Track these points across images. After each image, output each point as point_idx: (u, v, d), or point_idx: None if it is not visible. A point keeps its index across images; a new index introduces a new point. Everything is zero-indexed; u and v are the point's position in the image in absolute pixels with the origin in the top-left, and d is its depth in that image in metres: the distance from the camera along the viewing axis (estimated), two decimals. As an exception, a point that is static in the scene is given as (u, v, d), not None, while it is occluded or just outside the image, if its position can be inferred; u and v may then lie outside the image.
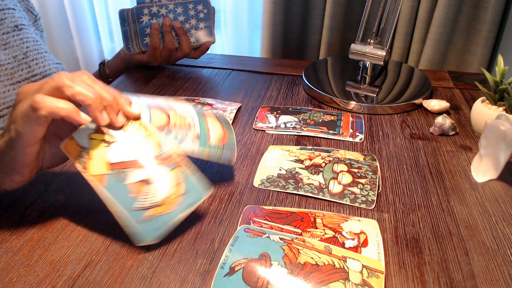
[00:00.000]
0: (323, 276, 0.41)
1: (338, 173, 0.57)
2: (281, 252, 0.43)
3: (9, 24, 0.70)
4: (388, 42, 0.82)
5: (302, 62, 0.99)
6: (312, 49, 1.16)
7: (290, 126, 0.70)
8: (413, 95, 0.80)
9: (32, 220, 0.50)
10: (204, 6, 0.88)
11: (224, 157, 0.50)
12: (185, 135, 0.47)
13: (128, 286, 0.42)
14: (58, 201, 0.53)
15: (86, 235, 0.48)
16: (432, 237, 0.48)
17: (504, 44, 0.99)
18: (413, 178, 0.59)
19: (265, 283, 0.41)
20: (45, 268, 0.44)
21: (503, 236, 0.49)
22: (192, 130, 0.48)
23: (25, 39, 0.72)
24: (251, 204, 0.53)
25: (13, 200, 0.53)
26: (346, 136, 0.68)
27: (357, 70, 0.89)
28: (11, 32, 0.70)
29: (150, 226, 0.43)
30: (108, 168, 0.44)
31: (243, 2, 1.25)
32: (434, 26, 0.99)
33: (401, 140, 0.68)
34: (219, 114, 0.57)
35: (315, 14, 1.10)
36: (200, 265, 0.44)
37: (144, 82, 0.87)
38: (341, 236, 0.47)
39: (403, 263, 0.45)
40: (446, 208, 0.53)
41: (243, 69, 0.94)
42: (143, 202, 0.43)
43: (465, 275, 0.44)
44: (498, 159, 0.57)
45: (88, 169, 0.44)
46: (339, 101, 0.79)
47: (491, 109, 0.66)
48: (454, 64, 1.05)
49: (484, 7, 0.96)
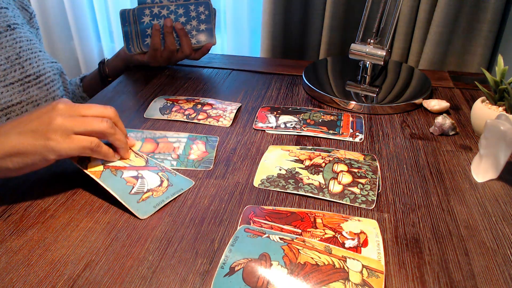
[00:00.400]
0: (323, 276, 0.41)
1: (338, 173, 0.57)
2: (281, 252, 0.43)
3: (2, 24, 0.69)
4: (388, 42, 0.82)
5: (302, 62, 0.99)
6: (312, 49, 1.16)
7: (290, 126, 0.70)
8: (413, 95, 0.80)
9: (32, 220, 0.50)
10: (206, 7, 0.88)
11: (201, 167, 0.60)
12: (167, 155, 0.62)
13: (128, 286, 0.42)
14: (58, 200, 0.53)
15: (86, 235, 0.48)
16: (432, 237, 0.48)
17: (504, 44, 0.99)
18: (413, 178, 0.59)
19: (265, 283, 0.41)
20: (45, 268, 0.44)
21: (503, 236, 0.49)
22: (176, 151, 0.63)
23: (18, 39, 0.71)
24: (251, 204, 0.53)
25: (13, 200, 0.53)
26: (346, 136, 0.68)
27: (357, 70, 0.89)
28: (4, 32, 0.69)
29: (146, 205, 0.52)
30: (104, 167, 0.54)
31: (243, 3, 1.25)
32: (434, 26, 0.99)
33: (401, 140, 0.68)
34: (210, 141, 0.66)
35: (315, 14, 1.10)
36: (200, 265, 0.44)
37: (144, 82, 0.87)
38: (341, 236, 0.47)
39: (403, 263, 0.45)
40: (446, 208, 0.53)
41: (243, 69, 0.94)
42: (138, 189, 0.53)
43: (465, 275, 0.44)
44: (498, 159, 0.57)
45: (88, 166, 0.53)
46: (339, 101, 0.79)
47: (491, 109, 0.66)
48: (454, 64, 1.05)
49: (484, 7, 0.96)
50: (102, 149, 0.52)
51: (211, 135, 0.67)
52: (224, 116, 0.73)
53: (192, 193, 0.55)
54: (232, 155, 0.63)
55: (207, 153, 0.63)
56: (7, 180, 0.56)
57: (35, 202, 0.53)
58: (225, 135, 0.68)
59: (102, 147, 0.52)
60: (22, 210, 0.51)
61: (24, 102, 0.70)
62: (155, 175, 0.56)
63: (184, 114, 0.73)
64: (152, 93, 0.82)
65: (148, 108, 0.76)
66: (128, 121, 0.72)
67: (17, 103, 0.68)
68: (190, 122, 0.72)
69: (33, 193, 0.54)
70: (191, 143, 0.65)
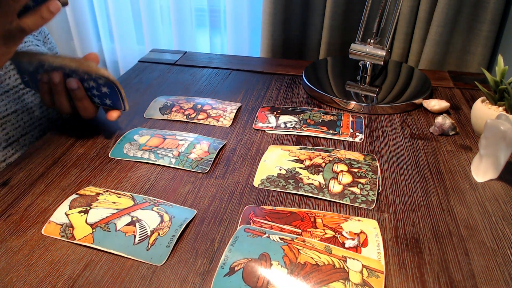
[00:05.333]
0: (323, 276, 0.41)
1: (338, 173, 0.57)
2: (281, 252, 0.43)
3: None
4: (388, 42, 0.82)
5: (302, 62, 0.99)
6: (312, 49, 1.15)
7: (290, 126, 0.70)
8: (413, 95, 0.80)
9: (32, 220, 0.50)
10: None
11: (198, 169, 0.59)
12: (169, 151, 0.62)
13: (128, 286, 0.42)
14: (58, 201, 0.53)
15: (86, 235, 0.48)
16: (432, 237, 0.48)
17: (504, 44, 0.99)
18: (413, 178, 0.59)
19: (265, 283, 0.41)
20: (45, 268, 0.44)
21: (503, 236, 0.49)
22: (178, 148, 0.62)
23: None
24: (251, 204, 0.53)
25: (13, 200, 0.53)
26: (346, 136, 0.68)
27: (357, 70, 0.89)
28: None
29: (157, 249, 0.46)
30: (92, 228, 0.48)
31: (243, 2, 1.25)
32: (434, 26, 0.99)
33: (401, 140, 0.68)
34: (214, 143, 0.65)
35: (315, 14, 1.10)
36: (200, 265, 0.44)
37: (144, 81, 0.87)
38: (341, 236, 0.47)
39: (403, 263, 0.45)
40: (446, 208, 0.53)
41: (243, 69, 0.94)
42: (141, 235, 0.47)
43: (465, 275, 0.44)
44: (498, 159, 0.57)
45: (75, 236, 0.47)
46: (339, 101, 0.79)
47: (491, 109, 0.66)
48: (454, 64, 1.05)
49: (484, 7, 0.96)
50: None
51: (219, 139, 0.67)
52: (224, 116, 0.73)
53: (192, 193, 0.55)
54: (232, 155, 0.63)
55: (208, 154, 0.62)
56: (7, 179, 0.57)
57: (35, 202, 0.53)
58: (225, 135, 0.68)
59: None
60: (22, 210, 0.51)
61: (19, 111, 0.67)
62: (152, 212, 0.50)
63: (184, 114, 0.73)
64: (152, 93, 0.82)
65: (148, 108, 0.76)
66: (128, 121, 0.72)
67: (12, 112, 0.66)
68: (190, 122, 0.72)
69: (33, 193, 0.54)
70: (196, 143, 0.64)
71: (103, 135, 0.67)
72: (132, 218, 0.48)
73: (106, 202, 0.51)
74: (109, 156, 0.62)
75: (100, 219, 0.48)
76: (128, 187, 0.56)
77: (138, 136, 0.66)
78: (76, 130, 0.69)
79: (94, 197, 0.52)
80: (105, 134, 0.68)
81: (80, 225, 0.48)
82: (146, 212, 0.50)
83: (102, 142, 0.65)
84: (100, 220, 0.48)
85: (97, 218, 0.48)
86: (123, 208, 0.50)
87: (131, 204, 0.51)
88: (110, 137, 0.67)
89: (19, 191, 0.55)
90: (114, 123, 0.71)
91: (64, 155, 0.62)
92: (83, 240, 0.46)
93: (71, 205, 0.51)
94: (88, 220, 0.48)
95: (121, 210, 0.50)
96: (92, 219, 0.48)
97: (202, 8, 1.33)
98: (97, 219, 0.48)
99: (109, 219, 0.48)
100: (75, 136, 0.67)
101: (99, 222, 0.48)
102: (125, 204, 0.51)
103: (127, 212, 0.49)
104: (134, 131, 0.68)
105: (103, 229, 0.47)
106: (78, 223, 0.48)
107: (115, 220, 0.48)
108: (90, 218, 0.49)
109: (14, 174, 0.58)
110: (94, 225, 0.48)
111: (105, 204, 0.51)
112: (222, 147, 0.65)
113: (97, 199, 0.52)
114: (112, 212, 0.49)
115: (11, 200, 0.53)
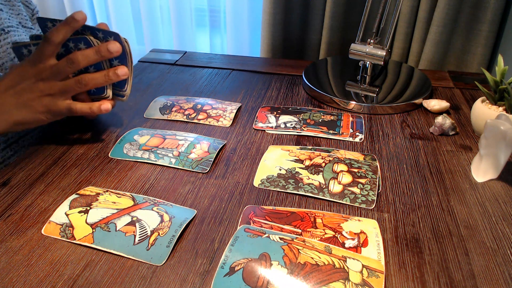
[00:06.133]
0: (323, 276, 0.41)
1: (338, 173, 0.57)
2: (281, 252, 0.43)
3: None
4: (388, 42, 0.82)
5: (302, 62, 0.99)
6: (312, 49, 1.15)
7: (290, 126, 0.70)
8: (413, 95, 0.80)
9: (32, 220, 0.50)
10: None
11: (197, 169, 0.59)
12: (169, 151, 0.62)
13: (128, 286, 0.42)
14: (58, 201, 0.53)
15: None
16: (432, 237, 0.48)
17: (504, 44, 0.99)
18: (413, 178, 0.59)
19: (265, 283, 0.41)
20: (45, 268, 0.44)
21: (503, 236, 0.49)
22: (178, 148, 0.62)
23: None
24: (251, 204, 0.53)
25: (13, 200, 0.53)
26: (346, 136, 0.68)
27: (357, 70, 0.89)
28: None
29: (157, 249, 0.46)
30: (92, 228, 0.48)
31: (243, 2, 1.25)
32: (434, 26, 0.99)
33: (401, 140, 0.68)
34: (214, 143, 0.65)
35: (315, 14, 1.10)
36: (200, 265, 0.44)
37: (144, 81, 0.87)
38: (341, 236, 0.47)
39: (403, 263, 0.45)
40: (446, 208, 0.53)
41: (243, 69, 0.94)
42: (141, 235, 0.47)
43: (465, 275, 0.44)
44: (498, 159, 0.57)
45: (75, 236, 0.47)
46: (339, 101, 0.79)
47: (491, 109, 0.66)
48: (454, 64, 1.05)
49: (484, 7, 0.96)
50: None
51: (219, 139, 0.67)
52: (224, 116, 0.73)
53: (192, 193, 0.55)
54: (232, 155, 0.63)
55: (208, 154, 0.62)
56: (7, 179, 0.57)
57: (35, 202, 0.53)
58: (225, 135, 0.68)
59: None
60: (22, 210, 0.51)
61: None
62: (152, 212, 0.50)
63: (184, 114, 0.73)
64: (152, 93, 0.82)
65: (148, 108, 0.76)
66: (128, 121, 0.72)
67: None
68: (190, 122, 0.72)
69: (33, 193, 0.54)
70: (196, 143, 0.64)
71: (103, 135, 0.67)
72: (132, 218, 0.48)
73: (106, 202, 0.51)
74: (109, 156, 0.62)
75: (100, 219, 0.48)
76: (128, 187, 0.56)
77: (138, 136, 0.66)
78: (76, 130, 0.69)
79: (94, 197, 0.52)
80: (105, 134, 0.68)
81: (80, 225, 0.48)
82: (146, 212, 0.50)
83: (102, 142, 0.65)
84: (100, 220, 0.48)
85: (97, 218, 0.48)
86: (123, 208, 0.50)
87: (131, 204, 0.51)
88: (110, 137, 0.67)
89: (19, 191, 0.55)
90: (114, 123, 0.71)
91: (64, 155, 0.62)
92: (83, 240, 0.46)
93: (71, 205, 0.51)
94: (88, 220, 0.48)
95: (121, 210, 0.50)
96: (92, 219, 0.48)
97: (202, 8, 1.33)
98: (97, 219, 0.48)
99: (109, 219, 0.48)
100: (75, 136, 0.67)
101: (99, 222, 0.48)
102: (125, 204, 0.51)
103: (127, 212, 0.50)
104: (134, 131, 0.68)
105: (103, 229, 0.47)
106: (78, 223, 0.48)
107: (115, 220, 0.48)
108: (90, 218, 0.49)
109: (14, 174, 0.58)
110: (94, 225, 0.48)
111: (105, 204, 0.51)
112: (222, 147, 0.65)
113: (97, 199, 0.52)
114: (112, 212, 0.49)
115: (11, 200, 0.53)
